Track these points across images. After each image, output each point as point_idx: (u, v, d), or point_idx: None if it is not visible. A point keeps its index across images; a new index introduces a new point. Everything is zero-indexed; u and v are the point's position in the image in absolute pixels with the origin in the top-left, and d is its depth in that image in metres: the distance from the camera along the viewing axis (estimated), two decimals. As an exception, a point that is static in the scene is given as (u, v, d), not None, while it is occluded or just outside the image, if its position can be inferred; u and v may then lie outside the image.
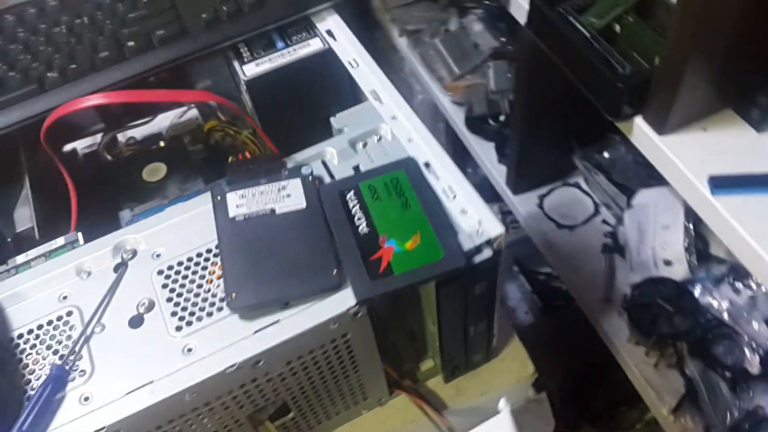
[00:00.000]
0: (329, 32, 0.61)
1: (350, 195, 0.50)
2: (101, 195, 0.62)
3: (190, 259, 0.49)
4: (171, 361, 0.44)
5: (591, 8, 0.87)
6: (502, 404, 0.61)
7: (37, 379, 0.45)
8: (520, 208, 1.22)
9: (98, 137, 0.71)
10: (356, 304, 0.45)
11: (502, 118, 1.25)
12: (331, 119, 0.56)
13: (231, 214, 0.49)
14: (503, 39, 1.25)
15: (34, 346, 0.46)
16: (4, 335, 0.47)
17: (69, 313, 0.47)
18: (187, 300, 0.47)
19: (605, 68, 0.81)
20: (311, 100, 0.61)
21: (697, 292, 1.02)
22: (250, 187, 0.50)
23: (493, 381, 0.60)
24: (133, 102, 0.50)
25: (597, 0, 0.88)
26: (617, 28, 0.85)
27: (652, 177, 1.12)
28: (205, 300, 0.47)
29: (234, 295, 0.45)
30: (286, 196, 0.50)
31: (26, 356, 0.46)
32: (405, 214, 0.48)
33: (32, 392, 0.44)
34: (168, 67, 0.58)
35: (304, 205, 0.49)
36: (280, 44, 0.61)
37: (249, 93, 0.60)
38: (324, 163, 0.54)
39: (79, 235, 0.52)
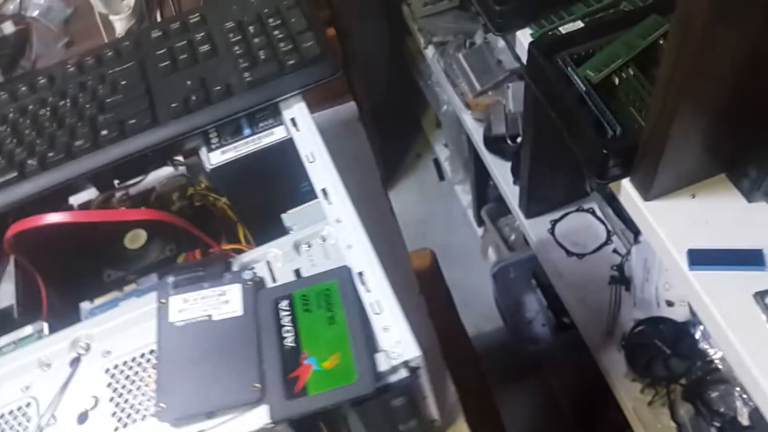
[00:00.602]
0: (293, 120, 0.63)
1: (284, 304, 0.53)
2: (85, 257, 0.67)
3: (134, 359, 0.53)
4: (105, 465, 0.49)
5: (591, 59, 0.86)
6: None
7: (-8, 469, 0.51)
8: (532, 232, 1.23)
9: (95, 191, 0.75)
10: (271, 422, 0.48)
11: (519, 139, 1.25)
12: (283, 216, 0.59)
13: (171, 319, 0.53)
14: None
15: (-6, 435, 0.52)
16: (-27, 421, 0.53)
17: (28, 404, 0.53)
18: (126, 401, 0.52)
19: (593, 130, 0.81)
20: (275, 184, 0.64)
21: (697, 335, 1.02)
22: (192, 291, 0.54)
23: (433, 463, 0.63)
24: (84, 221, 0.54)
25: (597, 51, 0.87)
26: (616, 80, 0.85)
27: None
28: (141, 403, 0.51)
29: (163, 405, 0.49)
30: (225, 303, 0.53)
31: (-15, 445, 0.52)
32: (329, 330, 0.51)
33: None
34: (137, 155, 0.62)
35: (240, 312, 0.53)
36: (246, 131, 0.63)
37: (214, 179, 0.63)
38: (268, 264, 0.57)
39: (45, 325, 0.57)
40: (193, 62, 0.65)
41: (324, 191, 0.59)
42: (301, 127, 0.63)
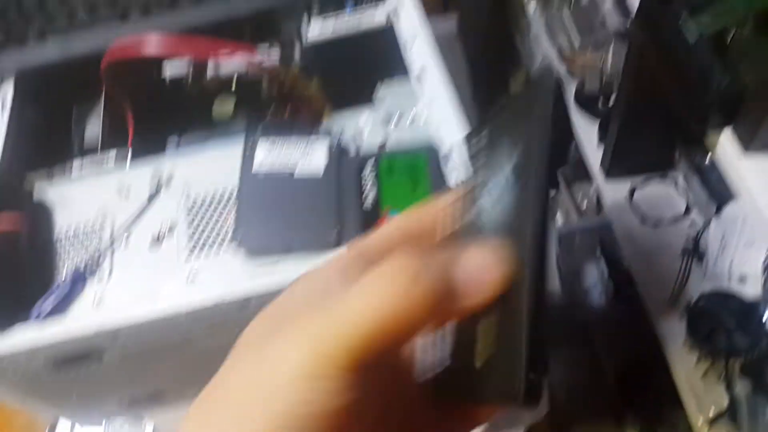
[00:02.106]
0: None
1: (368, 168, 0.53)
2: (168, 121, 0.67)
3: (214, 198, 0.54)
4: (177, 284, 0.50)
5: (706, 10, 0.83)
6: None
7: (62, 276, 0.52)
8: (609, 194, 1.19)
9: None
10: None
11: (612, 100, 1.21)
12: (376, 89, 0.58)
13: (255, 167, 0.53)
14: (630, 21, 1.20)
15: (66, 248, 0.53)
16: (50, 235, 0.54)
17: (102, 225, 0.54)
18: (203, 232, 0.52)
19: (699, 79, 0.78)
20: (367, 65, 0.63)
21: (765, 315, 0.98)
22: (279, 142, 0.54)
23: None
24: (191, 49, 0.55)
25: (713, 2, 0.84)
26: (730, 34, 0.81)
27: (749, 190, 1.07)
28: (217, 236, 0.52)
29: (241, 237, 0.50)
30: (309, 159, 0.53)
31: (56, 256, 0.53)
32: (413, 197, 0.51)
33: (55, 286, 0.51)
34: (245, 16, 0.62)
35: (322, 170, 0.53)
36: (349, 6, 0.63)
37: (309, 57, 0.63)
38: (355, 132, 0.56)
39: (129, 155, 0.58)
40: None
41: (421, 72, 0.58)
42: (404, 6, 0.62)
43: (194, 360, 0.50)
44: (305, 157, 0.53)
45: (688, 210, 1.16)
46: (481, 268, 0.24)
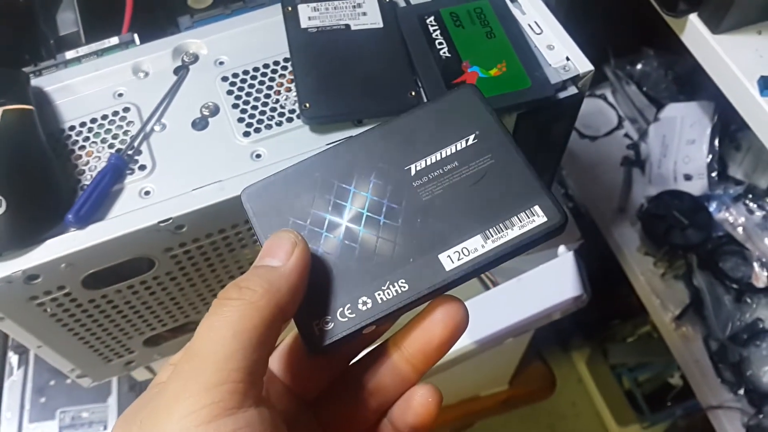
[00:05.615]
0: None
1: (430, 20, 0.47)
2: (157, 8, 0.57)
3: (256, 69, 0.46)
4: (239, 164, 0.42)
5: None
6: (562, 249, 0.60)
7: (92, 170, 0.42)
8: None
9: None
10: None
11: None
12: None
13: (303, 25, 0.46)
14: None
15: (87, 138, 0.43)
16: (55, 126, 0.44)
17: (126, 110, 0.44)
18: (254, 108, 0.44)
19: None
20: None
21: (712, 207, 1.02)
22: (323, 0, 0.47)
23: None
24: None
25: None
26: None
27: (682, 93, 1.11)
28: (273, 110, 0.44)
29: (307, 104, 0.43)
30: (362, 14, 0.47)
31: (78, 148, 0.43)
32: (489, 43, 0.46)
33: (87, 183, 0.41)
34: None
35: (380, 24, 0.46)
36: None
37: None
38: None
39: (135, 36, 0.48)
40: None
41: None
42: None
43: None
44: (357, 12, 0.47)
45: (620, 122, 1.18)
46: (271, 240, 0.27)
